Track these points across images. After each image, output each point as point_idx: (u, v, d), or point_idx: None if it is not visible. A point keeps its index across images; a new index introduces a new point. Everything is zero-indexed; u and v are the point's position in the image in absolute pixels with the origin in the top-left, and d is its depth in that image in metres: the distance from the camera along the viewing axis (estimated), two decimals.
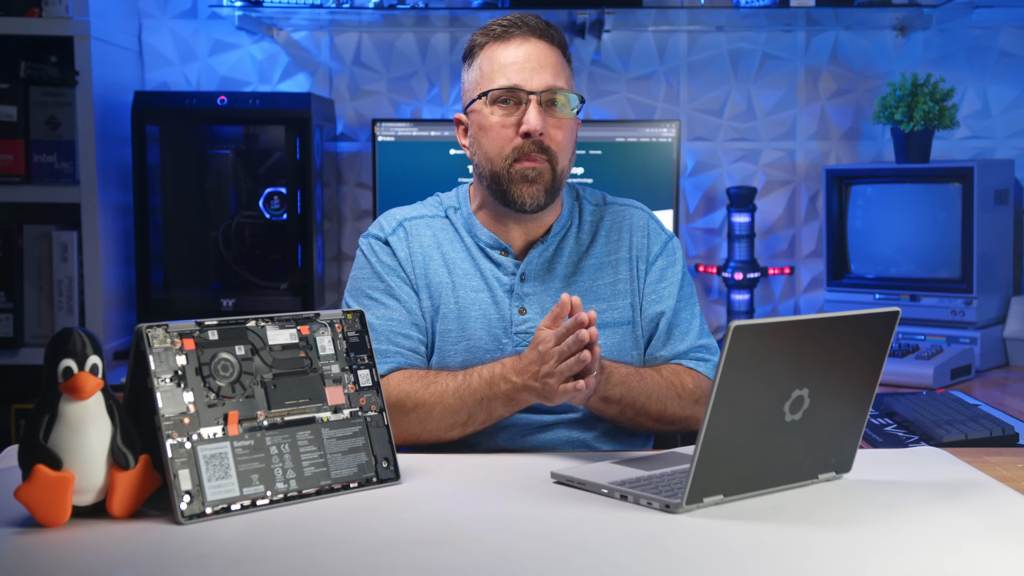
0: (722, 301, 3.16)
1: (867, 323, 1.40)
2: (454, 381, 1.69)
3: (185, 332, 1.37)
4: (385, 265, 1.82)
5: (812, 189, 3.15)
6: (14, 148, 2.68)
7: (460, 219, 1.86)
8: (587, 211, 1.89)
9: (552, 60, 1.78)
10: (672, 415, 1.75)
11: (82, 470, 1.28)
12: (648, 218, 1.90)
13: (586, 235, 1.87)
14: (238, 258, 2.89)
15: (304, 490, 1.39)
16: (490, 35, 1.79)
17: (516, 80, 1.75)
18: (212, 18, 3.09)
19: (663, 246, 1.88)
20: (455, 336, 1.78)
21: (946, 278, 2.79)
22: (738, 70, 3.13)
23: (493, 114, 1.76)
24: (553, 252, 1.84)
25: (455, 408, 1.68)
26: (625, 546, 1.22)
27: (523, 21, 1.78)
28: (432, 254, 1.82)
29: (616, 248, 1.86)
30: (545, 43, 1.78)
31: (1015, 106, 3.09)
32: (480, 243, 1.83)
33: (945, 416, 2.09)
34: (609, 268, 1.84)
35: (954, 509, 1.35)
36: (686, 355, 1.82)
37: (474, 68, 1.80)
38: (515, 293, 1.80)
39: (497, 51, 1.78)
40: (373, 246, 1.84)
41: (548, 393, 1.60)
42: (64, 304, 2.73)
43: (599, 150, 2.95)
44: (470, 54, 1.82)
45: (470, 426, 1.70)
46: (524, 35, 1.77)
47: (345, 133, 3.15)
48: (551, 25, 1.81)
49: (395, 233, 1.84)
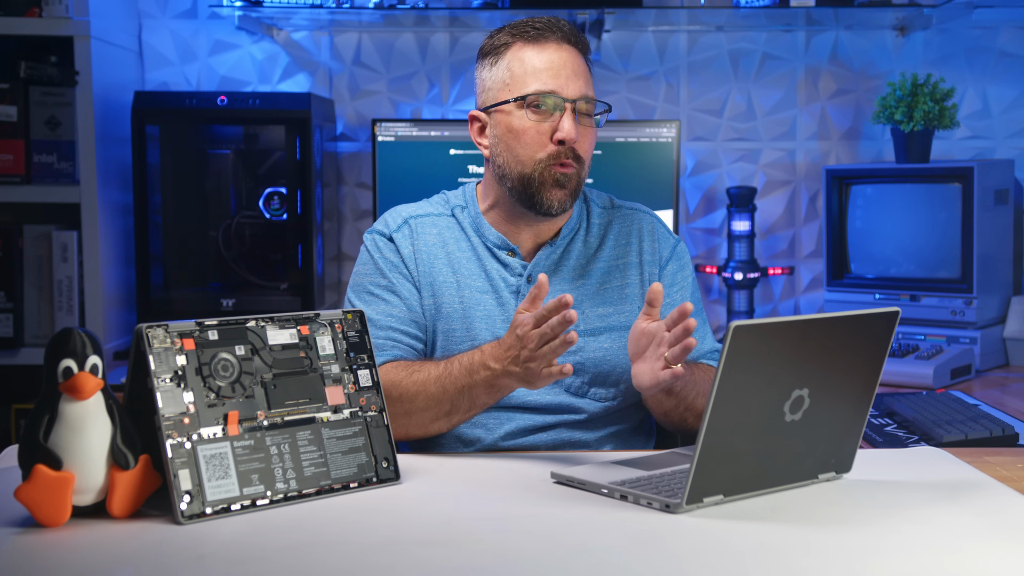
0: (722, 301, 3.16)
1: (867, 323, 1.40)
2: (436, 369, 1.68)
3: (185, 332, 1.37)
4: (388, 261, 1.82)
5: (812, 189, 3.15)
6: (14, 148, 2.68)
7: (467, 218, 1.86)
8: (595, 214, 1.89)
9: (583, 68, 1.78)
10: None
11: (82, 470, 1.28)
12: (655, 222, 1.90)
13: (594, 238, 1.87)
14: (238, 258, 2.89)
15: (304, 490, 1.39)
16: (522, 36, 1.77)
17: (553, 86, 1.74)
18: (212, 18, 3.09)
19: (672, 250, 1.88)
20: (460, 336, 1.78)
21: (946, 278, 2.79)
22: (738, 70, 3.13)
23: (527, 118, 1.75)
24: (561, 254, 1.84)
25: (437, 397, 1.67)
26: (625, 546, 1.22)
27: (557, 26, 1.77)
28: (436, 253, 1.82)
29: (624, 252, 1.86)
30: (576, 50, 1.78)
31: (1015, 106, 3.09)
32: (488, 243, 1.83)
33: (945, 416, 2.09)
34: (617, 272, 1.84)
35: (954, 509, 1.35)
36: (705, 357, 1.84)
37: (501, 67, 1.78)
38: (522, 294, 1.80)
39: (530, 53, 1.76)
40: (377, 242, 1.84)
41: (530, 378, 1.58)
42: (64, 304, 2.73)
43: (599, 150, 2.94)
44: (495, 51, 1.79)
45: (455, 416, 1.69)
46: (559, 40, 1.76)
47: (345, 133, 3.15)
48: (580, 32, 1.80)
49: (400, 230, 1.84)
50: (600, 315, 1.80)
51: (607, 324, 1.80)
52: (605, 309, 1.81)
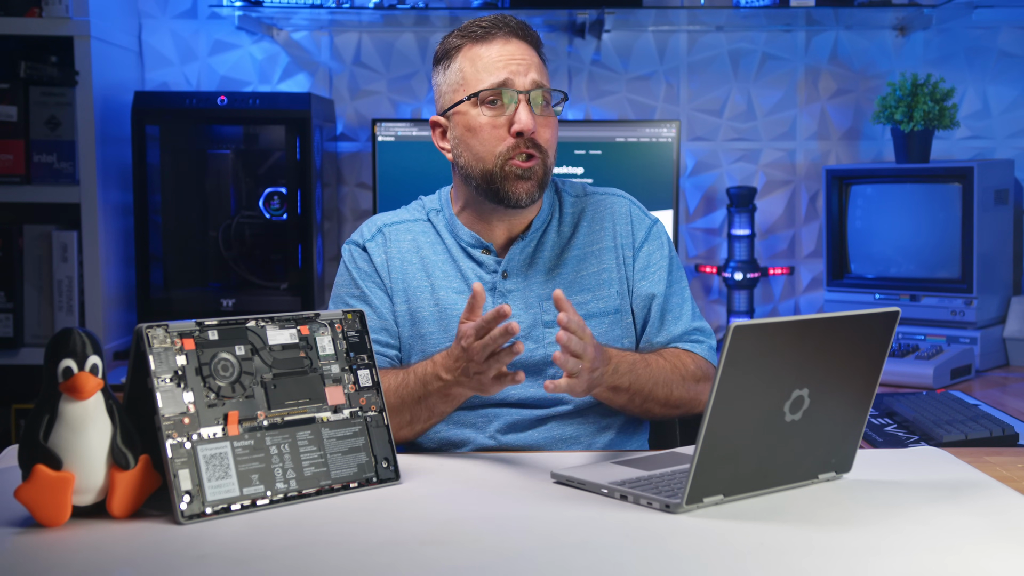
0: (722, 301, 3.16)
1: (867, 323, 1.40)
2: (395, 380, 1.70)
3: (185, 332, 1.37)
4: (361, 271, 1.84)
5: (812, 189, 3.15)
6: (14, 148, 2.68)
7: (442, 221, 1.87)
8: (567, 203, 1.89)
9: (535, 59, 1.79)
10: (678, 398, 1.75)
11: (82, 470, 1.28)
12: (631, 205, 1.90)
13: (567, 227, 1.87)
14: (238, 258, 2.89)
15: (304, 490, 1.39)
16: (469, 36, 1.80)
17: (504, 79, 1.75)
18: (212, 18, 3.09)
19: (648, 231, 1.88)
20: (437, 338, 1.79)
21: (946, 278, 2.79)
22: (738, 70, 3.13)
23: (482, 115, 1.76)
24: (535, 247, 1.84)
25: (396, 407, 1.69)
26: (625, 546, 1.22)
27: (503, 22, 1.79)
28: (410, 259, 1.83)
29: (599, 237, 1.86)
30: (526, 43, 1.79)
31: (1015, 106, 3.09)
32: (462, 243, 1.84)
33: (945, 416, 2.09)
34: (593, 258, 1.84)
35: (954, 509, 1.35)
36: (681, 338, 1.83)
37: (453, 70, 1.80)
38: (497, 291, 1.80)
39: (479, 52, 1.78)
40: (352, 252, 1.87)
41: (482, 387, 1.59)
42: (64, 304, 2.73)
43: (599, 150, 2.95)
44: (446, 55, 1.82)
45: (417, 424, 1.71)
46: (505, 35, 1.78)
47: (345, 133, 3.15)
48: (528, 25, 1.82)
49: (374, 239, 1.86)
50: (578, 303, 1.79)
51: (586, 311, 1.79)
52: (583, 296, 1.81)
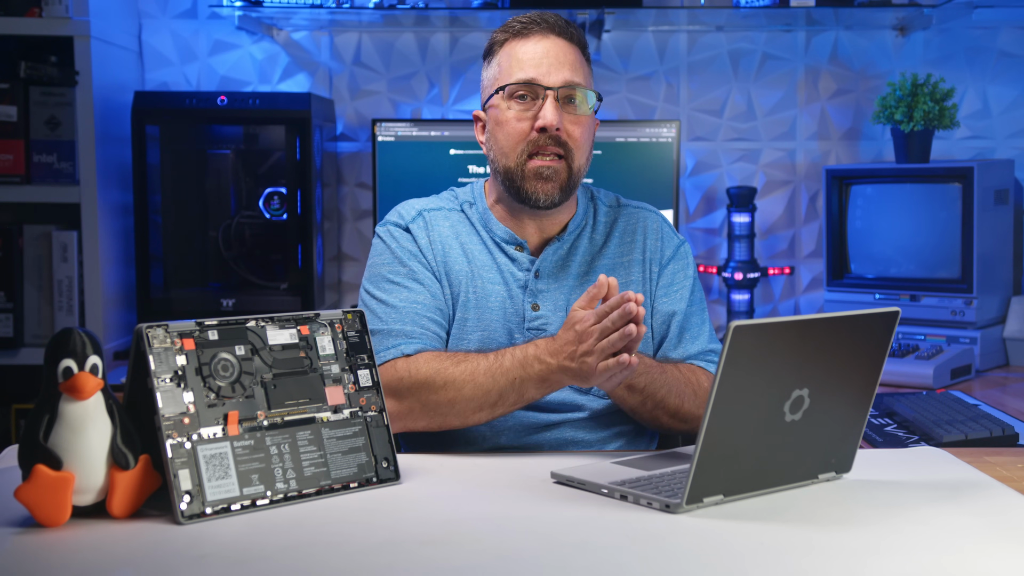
0: (722, 301, 3.16)
1: (867, 323, 1.40)
2: (485, 361, 1.68)
3: (185, 332, 1.37)
4: (406, 251, 1.81)
5: (812, 189, 3.15)
6: (14, 148, 2.68)
7: (476, 214, 1.86)
8: (601, 212, 1.89)
9: (571, 58, 1.78)
10: (688, 412, 1.74)
11: (82, 470, 1.28)
12: (662, 222, 1.91)
13: (600, 236, 1.87)
14: (238, 258, 2.89)
15: (304, 490, 1.39)
16: (509, 32, 1.80)
17: (533, 75, 1.75)
18: (212, 18, 3.09)
19: (676, 250, 1.89)
20: (472, 324, 1.78)
21: (946, 278, 2.79)
22: (738, 70, 3.13)
23: (510, 108, 1.77)
24: (568, 250, 1.84)
25: (486, 387, 1.66)
26: (625, 546, 1.22)
27: (543, 19, 1.80)
28: (451, 244, 1.83)
29: (629, 250, 1.86)
30: (564, 40, 1.79)
31: (1015, 106, 3.09)
32: (496, 238, 1.84)
33: (945, 416, 2.09)
34: (622, 269, 1.85)
35: (954, 509, 1.35)
36: (697, 357, 1.83)
37: (493, 65, 1.82)
38: (529, 289, 1.80)
39: (516, 47, 1.79)
40: (393, 232, 1.84)
41: (586, 373, 1.58)
42: (64, 304, 2.73)
43: (599, 150, 2.93)
44: (490, 51, 1.84)
45: (499, 407, 1.68)
46: (543, 32, 1.78)
47: (345, 133, 3.15)
48: (571, 24, 1.82)
49: (415, 221, 1.84)
50: None
51: None
52: None
